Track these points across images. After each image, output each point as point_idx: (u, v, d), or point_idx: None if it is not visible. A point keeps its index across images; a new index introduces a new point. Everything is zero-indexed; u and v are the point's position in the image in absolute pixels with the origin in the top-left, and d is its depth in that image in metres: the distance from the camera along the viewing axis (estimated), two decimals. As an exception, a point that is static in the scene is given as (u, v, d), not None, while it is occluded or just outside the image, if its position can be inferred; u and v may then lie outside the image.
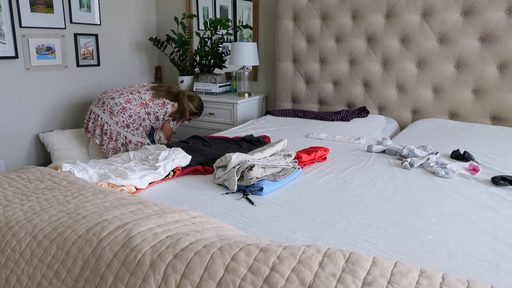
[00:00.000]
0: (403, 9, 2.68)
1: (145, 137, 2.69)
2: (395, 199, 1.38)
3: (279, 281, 0.72)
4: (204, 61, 3.53)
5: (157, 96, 2.75)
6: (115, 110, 2.56)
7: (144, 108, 2.68)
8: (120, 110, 2.56)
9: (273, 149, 1.73)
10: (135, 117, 2.61)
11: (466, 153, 1.81)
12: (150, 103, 2.71)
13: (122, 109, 2.57)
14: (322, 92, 3.07)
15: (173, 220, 0.99)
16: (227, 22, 3.33)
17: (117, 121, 2.56)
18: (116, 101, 2.58)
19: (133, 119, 2.60)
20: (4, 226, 1.02)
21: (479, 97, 2.58)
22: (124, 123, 2.57)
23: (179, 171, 1.63)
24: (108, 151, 2.59)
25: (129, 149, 2.61)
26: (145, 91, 2.77)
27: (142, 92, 2.74)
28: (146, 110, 2.69)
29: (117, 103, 2.57)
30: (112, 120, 2.56)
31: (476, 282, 0.71)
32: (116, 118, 2.56)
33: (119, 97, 2.61)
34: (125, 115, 2.58)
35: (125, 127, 2.58)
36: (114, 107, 2.56)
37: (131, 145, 2.61)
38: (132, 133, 2.60)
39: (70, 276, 0.86)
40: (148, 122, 2.70)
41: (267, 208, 1.31)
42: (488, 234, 1.13)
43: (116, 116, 2.56)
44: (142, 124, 2.66)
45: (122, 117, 2.57)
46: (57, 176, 1.34)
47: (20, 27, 2.80)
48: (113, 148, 2.59)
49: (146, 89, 2.79)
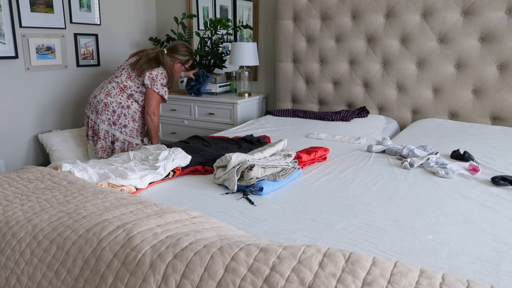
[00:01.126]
0: (403, 9, 2.68)
1: (133, 136, 2.64)
2: (395, 199, 1.38)
3: (279, 281, 0.72)
4: (204, 61, 3.53)
5: (139, 74, 2.54)
6: (99, 108, 2.53)
7: (125, 92, 2.53)
8: (103, 108, 2.53)
9: (273, 149, 1.73)
10: (118, 111, 2.54)
11: (466, 153, 1.81)
12: (127, 83, 2.54)
13: (104, 105, 2.53)
14: (322, 92, 3.07)
15: (173, 220, 0.99)
16: (227, 22, 3.33)
17: (103, 119, 2.53)
18: (97, 98, 2.55)
19: (117, 115, 2.55)
20: (4, 226, 1.02)
21: (479, 97, 2.58)
22: (110, 120, 2.54)
23: (179, 171, 1.63)
24: (97, 151, 2.57)
25: (115, 147, 2.58)
26: (121, 70, 2.60)
27: (118, 74, 2.59)
28: (127, 93, 2.54)
29: (99, 100, 2.54)
30: (99, 119, 2.54)
31: (476, 282, 0.71)
32: (102, 117, 2.53)
33: (100, 93, 2.56)
34: (109, 111, 2.53)
35: (112, 125, 2.54)
36: (97, 106, 2.54)
37: (117, 143, 2.58)
38: (120, 131, 2.57)
39: (70, 276, 0.86)
40: (134, 106, 2.57)
41: (267, 208, 1.31)
42: (488, 234, 1.13)
43: (101, 114, 2.53)
44: (129, 114, 2.56)
45: (106, 114, 2.54)
46: (57, 176, 1.34)
47: (20, 27, 2.80)
48: (101, 147, 2.57)
49: (122, 68, 2.62)
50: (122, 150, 2.59)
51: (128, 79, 2.56)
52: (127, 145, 2.61)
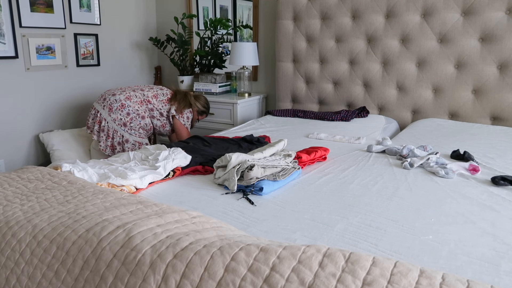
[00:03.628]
0: (403, 9, 2.68)
1: (143, 137, 2.66)
2: (395, 199, 1.38)
3: (279, 281, 0.72)
4: (204, 61, 3.53)
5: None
6: (114, 106, 2.55)
7: (146, 104, 2.64)
8: (119, 107, 2.55)
9: (273, 149, 1.73)
10: (133, 115, 2.57)
11: (466, 153, 1.81)
12: (152, 100, 2.67)
13: (120, 106, 2.55)
14: (322, 92, 3.07)
15: (173, 220, 0.99)
16: (227, 22, 3.33)
17: (115, 118, 2.55)
18: (116, 97, 2.57)
19: (131, 117, 2.57)
20: (4, 226, 1.02)
21: (479, 97, 2.58)
22: (122, 121, 2.55)
23: (179, 171, 1.63)
24: (106, 148, 2.58)
25: (126, 148, 2.59)
26: (149, 89, 2.74)
27: (146, 90, 2.72)
28: (148, 107, 2.65)
29: (116, 99, 2.56)
30: (110, 117, 2.55)
31: (476, 282, 0.71)
32: (114, 115, 2.55)
33: (120, 94, 2.59)
34: (123, 113, 2.55)
35: (122, 126, 2.56)
36: (113, 104, 2.55)
37: (128, 144, 2.59)
38: (129, 132, 2.58)
39: (70, 276, 0.86)
40: (148, 120, 2.66)
41: (267, 208, 1.31)
42: (488, 234, 1.13)
43: (114, 113, 2.55)
44: (141, 123, 2.63)
45: (120, 114, 2.55)
46: (57, 176, 1.34)
47: (20, 27, 2.80)
48: (110, 146, 2.58)
49: (150, 88, 2.77)
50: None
51: (154, 98, 2.69)
52: (138, 146, 2.63)
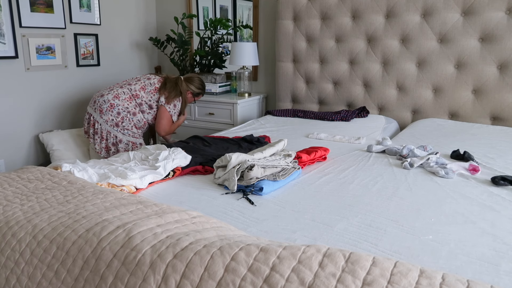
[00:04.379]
0: (403, 9, 2.68)
1: (137, 136, 2.64)
2: (395, 199, 1.38)
3: (279, 281, 0.72)
4: (204, 61, 3.53)
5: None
6: (103, 108, 2.54)
7: (134, 99, 2.59)
8: (108, 108, 2.53)
9: (273, 149, 1.73)
10: (123, 114, 2.55)
11: (466, 153, 1.81)
12: (140, 93, 2.61)
13: (110, 106, 2.54)
14: (322, 92, 3.07)
15: (173, 220, 0.99)
16: (227, 22, 3.33)
17: (107, 119, 2.54)
18: (104, 98, 2.55)
19: (122, 117, 2.55)
20: (4, 226, 1.02)
21: (479, 97, 2.58)
22: (113, 121, 2.54)
23: (179, 171, 1.63)
24: (101, 150, 2.57)
25: (120, 149, 2.58)
26: (136, 81, 2.67)
27: (133, 84, 2.66)
28: (136, 102, 2.60)
29: (105, 100, 2.54)
30: (102, 119, 2.54)
31: (476, 282, 0.71)
32: (106, 117, 2.54)
33: (108, 93, 2.57)
34: (114, 113, 2.54)
35: (115, 126, 2.54)
36: (103, 105, 2.54)
37: (121, 145, 2.58)
38: (122, 132, 2.57)
39: (70, 276, 0.86)
40: (140, 116, 2.62)
41: (267, 208, 1.31)
42: (488, 234, 1.13)
43: (105, 114, 2.54)
44: (133, 121, 2.60)
45: (110, 115, 2.53)
46: (57, 176, 1.34)
47: (20, 27, 2.80)
48: (105, 148, 2.57)
49: (138, 79, 2.69)
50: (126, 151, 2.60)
51: (142, 90, 2.63)
52: (131, 146, 2.62)
